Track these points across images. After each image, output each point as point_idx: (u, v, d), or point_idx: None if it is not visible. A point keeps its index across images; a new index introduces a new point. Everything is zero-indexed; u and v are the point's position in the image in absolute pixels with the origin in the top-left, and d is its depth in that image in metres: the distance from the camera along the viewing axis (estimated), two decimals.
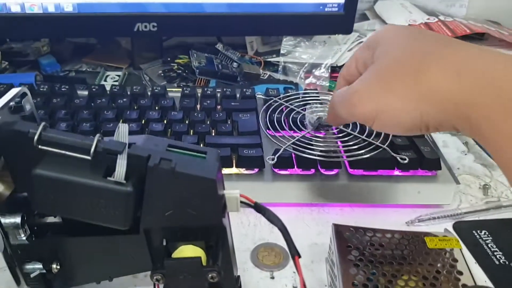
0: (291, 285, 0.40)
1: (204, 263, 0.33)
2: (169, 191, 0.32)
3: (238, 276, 0.37)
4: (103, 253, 0.36)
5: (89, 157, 0.31)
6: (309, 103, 0.59)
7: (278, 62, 0.76)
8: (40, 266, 0.35)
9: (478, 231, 0.46)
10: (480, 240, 0.45)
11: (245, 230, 0.47)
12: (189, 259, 0.32)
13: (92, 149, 0.31)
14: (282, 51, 0.76)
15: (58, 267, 0.35)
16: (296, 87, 0.69)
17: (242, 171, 0.51)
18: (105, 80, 0.73)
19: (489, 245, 0.44)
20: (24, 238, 0.34)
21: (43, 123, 0.32)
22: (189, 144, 0.36)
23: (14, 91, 0.36)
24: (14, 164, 0.33)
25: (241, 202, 0.35)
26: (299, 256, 0.32)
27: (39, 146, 0.32)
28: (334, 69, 0.74)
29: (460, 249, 0.38)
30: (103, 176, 0.31)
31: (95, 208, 0.31)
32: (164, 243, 0.34)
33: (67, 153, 0.31)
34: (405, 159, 0.50)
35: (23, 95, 0.36)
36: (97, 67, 0.77)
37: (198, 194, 0.32)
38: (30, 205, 0.34)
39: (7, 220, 0.33)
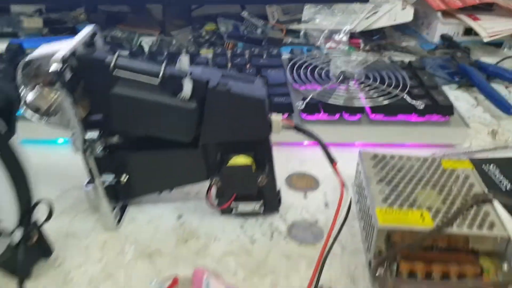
0: (323, 203, 0.46)
1: (253, 171, 0.38)
2: (225, 110, 0.38)
3: (279, 190, 0.43)
4: (165, 166, 0.42)
5: (158, 80, 0.37)
6: (332, 59, 0.64)
7: (300, 29, 0.82)
8: (112, 176, 0.41)
9: (487, 165, 0.51)
10: (488, 172, 0.50)
11: (279, 164, 0.52)
12: (242, 165, 0.38)
13: (161, 73, 0.37)
14: (303, 18, 0.81)
15: (126, 178, 0.41)
16: (318, 50, 0.74)
17: None
18: (140, 45, 0.79)
19: (497, 176, 0.50)
20: (100, 151, 0.39)
21: (118, 52, 0.38)
22: (239, 73, 0.41)
23: (87, 29, 0.41)
24: (91, 88, 0.39)
25: (283, 126, 0.41)
26: (336, 162, 0.38)
27: (115, 72, 0.37)
28: (353, 35, 0.80)
29: (472, 169, 0.43)
30: (171, 96, 0.37)
31: (164, 123, 0.37)
32: (219, 157, 0.40)
33: (139, 76, 0.37)
34: (421, 105, 0.55)
35: (93, 35, 0.42)
36: (130, 33, 0.82)
37: (250, 112, 0.38)
38: (103, 126, 0.40)
39: (87, 136, 0.39)
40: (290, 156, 0.53)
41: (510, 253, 0.36)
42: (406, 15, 0.82)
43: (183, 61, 0.39)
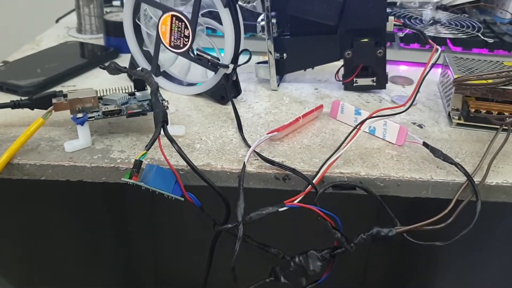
0: None
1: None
2: (360, 4, 0.59)
3: (387, 73, 0.63)
4: (311, 48, 0.63)
5: None
6: (424, 11, 0.84)
7: (396, 1, 1.02)
8: (278, 54, 0.63)
9: None
10: None
11: None
12: (367, 41, 0.59)
13: None
14: None
15: (285, 56, 0.63)
16: None
17: None
18: None
19: None
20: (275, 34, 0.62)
21: None
22: None
23: None
24: None
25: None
26: None
27: None
28: (439, 8, 0.99)
29: None
30: None
31: (321, 9, 0.59)
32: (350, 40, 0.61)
33: None
34: (491, 41, 0.74)
35: None
36: None
37: (377, 5, 0.59)
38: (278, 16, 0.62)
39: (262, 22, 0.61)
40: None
41: None
42: None
43: None
